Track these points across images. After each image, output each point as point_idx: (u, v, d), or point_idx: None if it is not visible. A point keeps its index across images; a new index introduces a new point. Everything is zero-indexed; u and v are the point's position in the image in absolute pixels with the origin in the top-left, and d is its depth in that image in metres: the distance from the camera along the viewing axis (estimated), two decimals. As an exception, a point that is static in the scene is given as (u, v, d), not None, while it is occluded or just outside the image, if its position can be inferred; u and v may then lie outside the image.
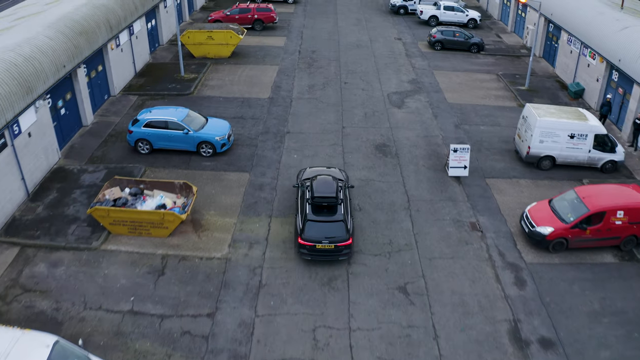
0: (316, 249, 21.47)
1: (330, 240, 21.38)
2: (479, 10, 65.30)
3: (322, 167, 26.59)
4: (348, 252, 21.87)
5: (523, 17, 54.23)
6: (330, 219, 21.70)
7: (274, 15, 52.15)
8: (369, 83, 41.11)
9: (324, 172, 25.40)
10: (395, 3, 61.37)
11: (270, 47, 48.25)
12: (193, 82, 39.71)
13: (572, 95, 40.60)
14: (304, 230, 21.62)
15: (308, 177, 24.89)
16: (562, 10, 44.47)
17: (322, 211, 22.19)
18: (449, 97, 39.35)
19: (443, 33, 49.32)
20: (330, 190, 22.61)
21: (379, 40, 51.74)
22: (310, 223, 21.69)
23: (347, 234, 21.67)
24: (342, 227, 21.66)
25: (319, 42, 50.45)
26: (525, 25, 52.25)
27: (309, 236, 21.53)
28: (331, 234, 21.49)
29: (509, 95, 40.51)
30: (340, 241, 21.48)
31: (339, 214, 22.00)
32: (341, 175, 25.57)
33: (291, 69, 43.31)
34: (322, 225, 21.58)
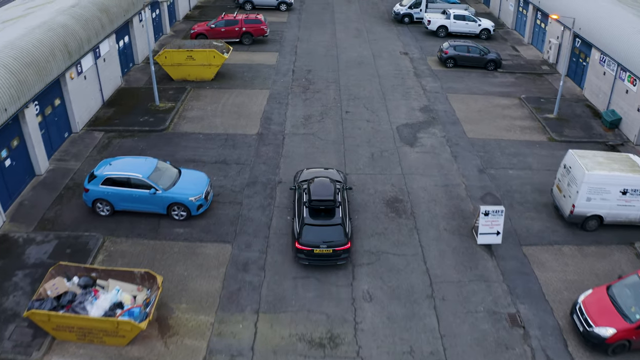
0: (314, 253, 21.44)
1: (328, 245, 21.35)
2: (490, 17, 59.65)
3: (320, 169, 26.36)
4: (346, 256, 21.85)
5: (543, 28, 48.66)
6: (328, 223, 21.70)
7: (265, 27, 46.36)
8: (374, 112, 35.52)
9: (321, 173, 25.30)
10: (399, 11, 55.66)
11: (260, 65, 42.63)
12: (169, 113, 34.04)
13: (607, 125, 35.49)
14: (302, 234, 21.53)
15: (306, 179, 24.65)
16: (593, 25, 39.11)
17: (319, 214, 22.11)
18: (468, 130, 33.84)
19: (456, 48, 43.68)
20: (327, 193, 22.54)
21: (383, 56, 46.07)
22: (308, 227, 21.63)
23: (346, 238, 21.60)
24: (340, 231, 21.60)
25: (315, 58, 44.86)
26: (547, 39, 46.69)
27: (307, 240, 21.44)
28: (329, 238, 21.43)
29: (536, 125, 35.56)
30: (339, 245, 21.46)
31: (337, 218, 21.97)
32: (339, 177, 25.42)
33: (284, 93, 37.66)
34: (320, 229, 21.55)
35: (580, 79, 42.02)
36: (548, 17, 46.92)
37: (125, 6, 38.47)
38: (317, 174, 25.09)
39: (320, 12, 59.75)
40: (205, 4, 60.67)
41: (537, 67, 45.91)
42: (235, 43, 47.37)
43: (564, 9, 42.95)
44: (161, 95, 36.20)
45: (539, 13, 49.92)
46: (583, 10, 40.92)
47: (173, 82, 39.19)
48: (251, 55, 45.03)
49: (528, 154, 31.72)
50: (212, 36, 46.24)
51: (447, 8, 54.29)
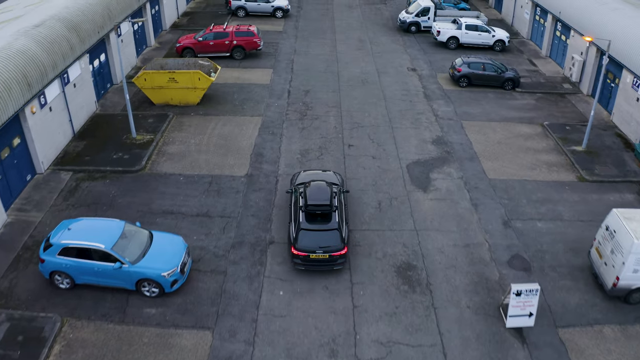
0: (310, 258, 21.38)
1: (324, 250, 21.25)
2: (502, 25, 55.57)
3: (318, 171, 26.21)
4: (343, 261, 21.73)
5: (563, 40, 44.61)
6: (324, 228, 21.58)
7: (258, 40, 42.16)
8: (380, 145, 31.61)
9: (319, 176, 25.26)
10: (405, 19, 51.44)
11: (252, 85, 38.66)
12: (147, 148, 30.04)
13: None
14: (297, 239, 21.45)
15: (303, 181, 24.63)
16: (625, 44, 35.05)
17: (316, 219, 21.94)
18: (488, 168, 30.17)
19: (470, 66, 39.56)
20: (324, 197, 22.34)
21: (389, 72, 41.97)
22: (304, 232, 21.52)
23: (342, 243, 21.52)
24: (336, 235, 21.53)
25: (313, 76, 41.11)
26: (569, 55, 42.50)
27: (303, 246, 21.36)
28: (325, 243, 21.31)
29: (563, 161, 32.17)
30: (335, 250, 21.35)
31: (333, 222, 21.83)
32: (336, 179, 25.40)
33: (278, 121, 33.73)
34: (316, 234, 21.41)
35: (607, 102, 38.02)
36: (570, 30, 42.65)
37: (100, 22, 34.34)
38: (314, 177, 25.05)
39: (319, 18, 55.53)
40: (195, 9, 56.44)
41: (559, 86, 41.84)
42: (225, 57, 43.02)
43: (589, 24, 39.02)
44: (139, 125, 32.21)
45: (558, 24, 45.73)
46: (614, 27, 36.85)
47: (154, 107, 35.09)
48: (242, 72, 40.85)
49: (557, 200, 27.74)
50: (200, 50, 42.10)
51: (457, 17, 50.00)
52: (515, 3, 54.88)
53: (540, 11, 49.65)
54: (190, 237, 24.04)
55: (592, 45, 39.17)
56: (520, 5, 53.75)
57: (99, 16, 34.63)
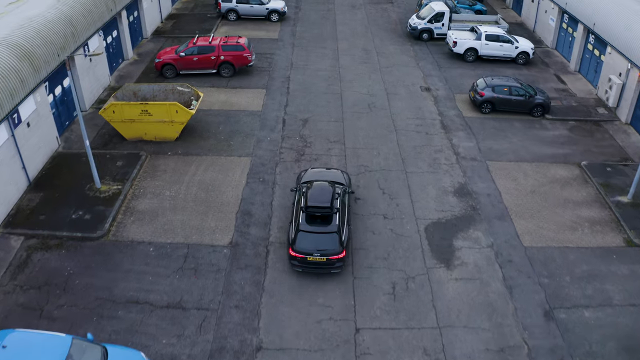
0: (307, 261, 21.37)
1: (322, 253, 21.26)
2: (522, 29, 50.63)
3: (323, 169, 26.35)
4: (341, 265, 21.62)
5: (597, 56, 39.42)
6: (323, 230, 21.61)
7: (248, 55, 36.93)
8: (393, 198, 26.96)
9: (325, 175, 25.35)
10: (416, 26, 46.11)
11: (240, 113, 33.98)
12: (112, 203, 25.41)
13: None
14: (296, 241, 21.48)
15: (309, 179, 24.74)
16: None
17: (315, 221, 21.96)
18: (522, 230, 26.21)
19: (495, 90, 34.48)
20: (325, 199, 22.25)
21: (400, 93, 37.04)
22: (303, 234, 21.61)
23: (341, 246, 21.43)
24: (335, 239, 21.52)
25: (313, 98, 36.73)
26: (605, 74, 37.45)
27: (301, 248, 21.40)
28: (323, 246, 21.30)
29: (607, 216, 27.60)
30: (333, 254, 21.31)
31: (333, 225, 21.83)
32: (342, 178, 25.39)
33: (270, 164, 29.09)
34: (314, 236, 21.51)
35: None
36: (607, 47, 37.37)
37: (61, 42, 29.13)
38: (320, 176, 25.21)
39: (320, 22, 50.11)
40: (181, 11, 50.96)
41: (593, 111, 36.81)
42: (211, 75, 37.97)
43: (632, 42, 33.64)
44: (105, 170, 27.62)
45: (591, 36, 40.34)
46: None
47: (125, 142, 30.13)
48: (230, 94, 35.71)
49: (605, 275, 23.48)
50: (182, 67, 37.02)
51: (475, 25, 44.67)
52: (539, 7, 49.44)
53: (568, 19, 44.33)
54: (159, 341, 19.20)
55: (635, 68, 33.83)
56: (544, 9, 48.35)
57: (60, 36, 29.46)
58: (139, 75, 38.12)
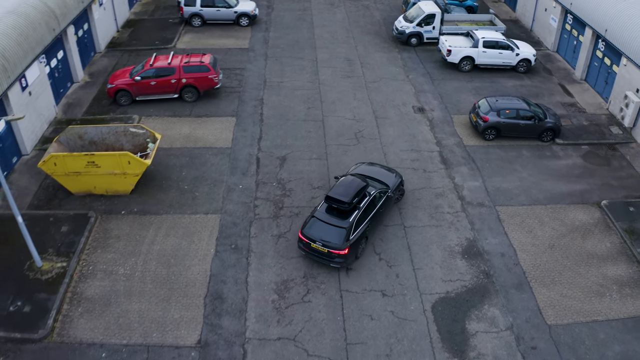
0: (311, 247, 22.09)
1: (324, 244, 21.77)
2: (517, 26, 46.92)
3: (377, 166, 27.08)
4: (342, 262, 21.92)
5: (608, 65, 35.91)
6: (334, 223, 22.10)
7: (214, 77, 32.68)
8: (392, 265, 24.12)
9: (373, 171, 26.11)
10: (403, 29, 41.87)
11: (207, 150, 30.36)
12: (56, 288, 22.07)
13: None
14: (306, 224, 22.41)
15: (355, 172, 25.73)
16: None
17: (332, 212, 22.49)
18: (544, 302, 22.87)
19: (500, 114, 30.70)
20: (346, 194, 22.42)
21: (390, 117, 33.27)
22: (315, 220, 22.39)
23: (345, 243, 21.69)
24: (342, 234, 21.77)
25: (291, 128, 32.92)
26: (620, 88, 33.95)
27: (308, 233, 22.20)
28: (328, 237, 21.83)
29: (636, 274, 24.29)
30: (334, 248, 21.67)
31: (346, 221, 22.13)
32: (391, 180, 25.70)
33: (243, 223, 25.47)
34: (324, 226, 22.15)
35: None
36: (621, 57, 33.51)
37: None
38: (367, 171, 26.04)
39: (295, 25, 45.68)
40: (140, 16, 46.09)
41: (606, 131, 33.36)
42: (173, 100, 33.85)
43: None
44: (47, 239, 23.64)
45: (600, 42, 36.45)
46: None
47: (72, 197, 25.98)
48: (195, 126, 31.39)
49: (636, 354, 19.26)
50: (139, 92, 32.99)
51: (471, 29, 40.33)
52: (537, 3, 45.36)
53: (573, 20, 40.34)
54: None
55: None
56: (543, 7, 44.34)
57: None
58: (90, 102, 33.67)
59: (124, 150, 26.91)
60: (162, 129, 30.82)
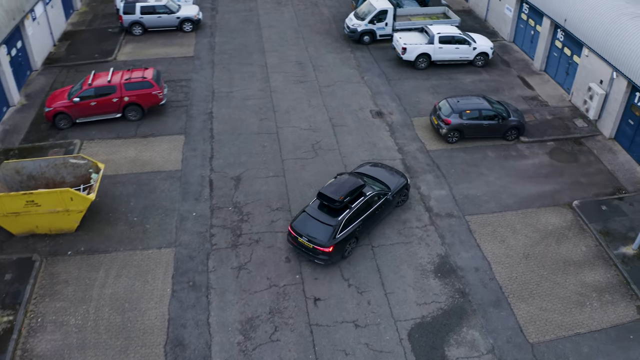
0: (298, 241, 22.55)
1: (310, 240, 22.10)
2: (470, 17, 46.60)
3: (381, 168, 27.00)
4: (326, 259, 22.21)
5: (569, 56, 35.58)
6: (322, 220, 22.42)
7: (159, 92, 31.14)
8: (362, 291, 23.50)
9: (377, 172, 26.33)
10: (355, 27, 40.80)
11: (155, 175, 28.92)
12: (4, 346, 19.09)
13: None
14: (296, 218, 22.93)
15: (359, 171, 26.34)
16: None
17: (323, 209, 22.84)
18: (524, 318, 22.32)
19: (463, 115, 29.96)
20: (337, 192, 22.74)
21: (348, 124, 32.33)
22: (304, 215, 22.87)
23: (330, 241, 21.92)
24: (328, 232, 22.06)
25: (244, 143, 31.69)
26: (582, 81, 33.60)
27: (296, 227, 22.67)
28: (314, 234, 22.17)
29: (615, 278, 24.01)
30: (319, 245, 21.94)
31: (336, 219, 22.41)
32: (393, 182, 25.81)
33: (200, 256, 24.60)
34: (312, 221, 22.51)
35: None
36: (582, 48, 33.06)
37: None
38: (369, 172, 26.33)
39: (242, 28, 44.18)
40: (77, 27, 43.93)
41: (571, 125, 32.97)
42: (116, 120, 32.96)
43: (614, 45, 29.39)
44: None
45: (559, 32, 35.98)
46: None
47: (14, 239, 24.17)
48: (141, 148, 29.83)
49: None
50: (79, 114, 31.59)
51: (425, 25, 39.47)
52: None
53: (529, 10, 39.84)
54: None
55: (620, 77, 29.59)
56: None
57: None
58: (28, 128, 31.78)
59: (66, 183, 25.19)
60: (106, 153, 29.06)
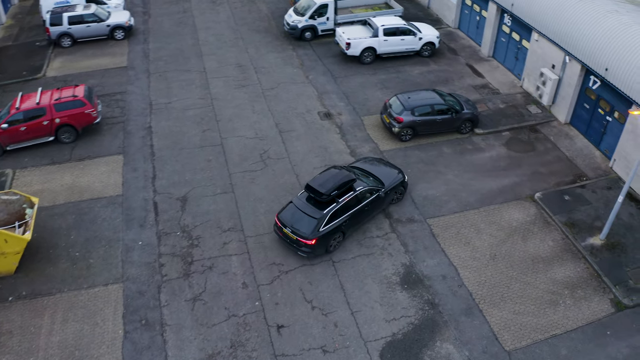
0: (283, 231, 22.94)
1: (293, 231, 22.48)
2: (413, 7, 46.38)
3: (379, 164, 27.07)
4: (308, 251, 22.54)
5: (518, 41, 35.32)
6: (307, 212, 22.71)
7: (92, 110, 29.52)
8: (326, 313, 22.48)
9: (370, 167, 26.49)
10: (295, 24, 39.67)
11: (95, 202, 27.23)
12: None
13: None
14: (284, 209, 23.40)
15: (354, 165, 26.60)
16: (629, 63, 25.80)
17: (311, 201, 23.08)
18: (498, 325, 21.74)
19: (415, 111, 29.42)
20: (325, 185, 22.94)
21: (296, 129, 31.53)
22: (291, 205, 23.27)
23: (313, 234, 22.17)
24: (312, 224, 22.32)
25: (187, 158, 30.18)
26: (534, 66, 33.35)
27: (282, 217, 23.15)
28: (298, 225, 22.52)
29: (585, 272, 23.89)
30: (302, 237, 22.28)
31: (320, 212, 22.60)
32: (389, 178, 25.68)
33: (151, 288, 23.25)
34: (298, 213, 22.85)
35: (599, 139, 28.73)
36: (531, 32, 32.66)
37: None
38: (364, 166, 26.51)
39: (176, 31, 42.45)
40: (3, 42, 41.68)
41: (525, 113, 32.82)
42: (49, 144, 31.10)
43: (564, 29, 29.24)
44: None
45: (506, 16, 35.55)
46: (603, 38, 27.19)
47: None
48: (77, 173, 28.32)
49: None
50: (9, 141, 29.98)
51: (368, 17, 38.67)
52: (431, -23, 44.12)
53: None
54: None
55: (574, 61, 29.26)
56: (439, -19, 43.05)
57: None
58: (-49, 160, 29.40)
59: (-2, 221, 23.38)
60: (40, 181, 27.36)
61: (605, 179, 28.07)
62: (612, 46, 27.01)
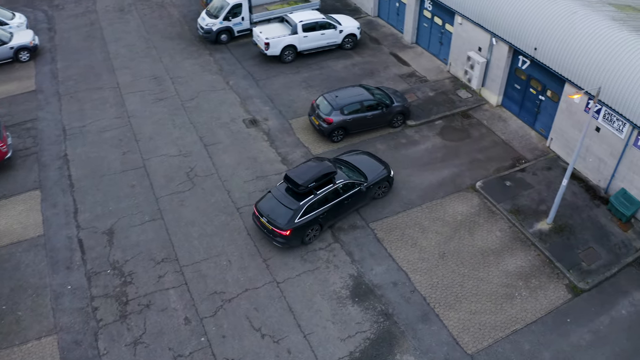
0: (260, 220, 23.11)
1: (269, 221, 22.63)
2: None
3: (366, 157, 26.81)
4: (283, 242, 22.71)
5: (441, 26, 35.13)
6: (284, 202, 22.90)
7: (2, 146, 27.51)
8: (277, 340, 21.80)
9: (357, 160, 26.29)
10: (209, 27, 38.49)
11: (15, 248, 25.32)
12: None
13: (623, 219, 24.94)
14: (262, 198, 23.57)
15: (341, 158, 26.39)
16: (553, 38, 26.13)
17: (289, 191, 23.17)
18: (457, 329, 21.46)
19: (345, 110, 28.75)
20: (303, 176, 22.90)
21: (221, 140, 30.43)
22: (269, 195, 23.46)
23: (288, 225, 22.32)
24: (287, 215, 22.44)
25: (109, 186, 28.63)
26: (461, 51, 32.86)
27: (260, 206, 23.34)
28: (274, 215, 22.67)
29: (537, 260, 23.99)
30: (277, 227, 22.43)
31: (296, 204, 22.69)
32: (373, 173, 25.42)
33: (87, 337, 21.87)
34: (275, 203, 23.00)
35: (534, 119, 28.78)
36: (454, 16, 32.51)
37: None
38: (350, 159, 26.31)
39: (85, 46, 40.43)
40: None
41: (454, 97, 32.74)
42: None
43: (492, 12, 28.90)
44: None
45: (426, 1, 35.36)
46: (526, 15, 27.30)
47: None
48: (-11, 216, 25.96)
49: (571, 355, 19.87)
50: None
51: (284, 12, 38.28)
52: (344, -35, 43.36)
53: (389, -21, 38.69)
54: None
55: (501, 42, 29.06)
56: (352, -32, 42.33)
57: None
58: None
59: None
60: (-52, 231, 25.27)
61: (544, 159, 28.00)
62: (540, 24, 26.80)
